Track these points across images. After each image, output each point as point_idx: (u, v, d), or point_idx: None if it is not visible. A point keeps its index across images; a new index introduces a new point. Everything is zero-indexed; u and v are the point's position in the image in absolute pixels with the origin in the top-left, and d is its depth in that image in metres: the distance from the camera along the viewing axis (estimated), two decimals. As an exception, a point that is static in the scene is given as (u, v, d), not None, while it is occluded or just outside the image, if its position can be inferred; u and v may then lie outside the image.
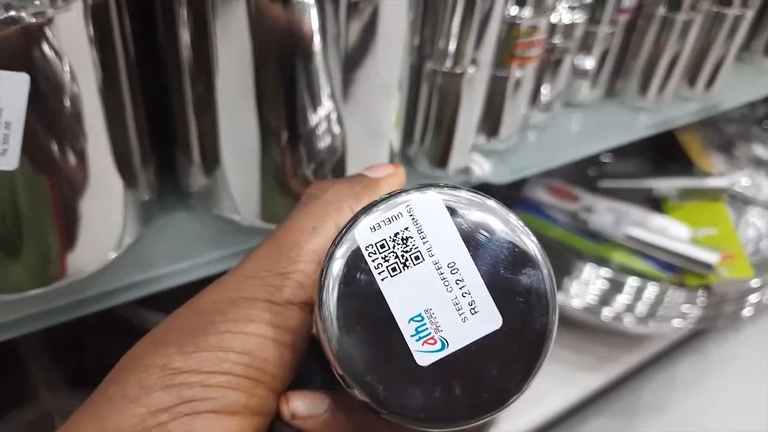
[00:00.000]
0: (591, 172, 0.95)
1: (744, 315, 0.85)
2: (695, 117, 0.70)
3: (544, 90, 0.57)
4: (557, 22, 0.53)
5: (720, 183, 0.93)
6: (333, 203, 0.24)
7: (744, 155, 1.01)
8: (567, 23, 0.54)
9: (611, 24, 0.61)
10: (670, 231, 0.84)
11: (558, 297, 0.81)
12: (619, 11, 0.61)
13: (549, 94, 0.58)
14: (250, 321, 0.21)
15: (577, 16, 0.54)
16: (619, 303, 0.81)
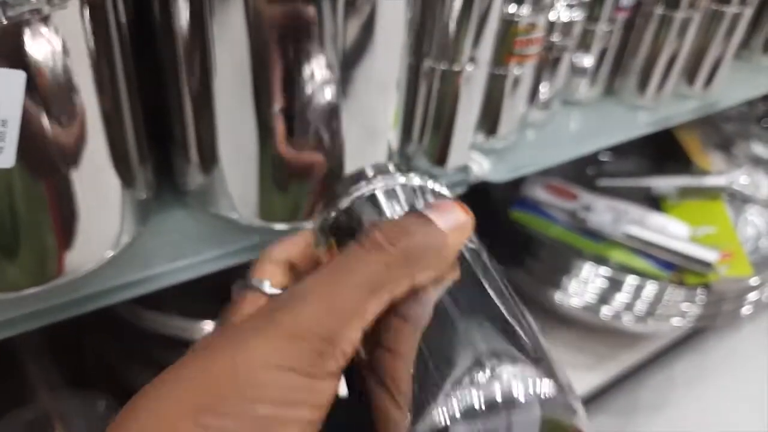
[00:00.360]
0: (590, 170, 0.95)
1: (743, 313, 0.85)
2: (694, 115, 0.70)
3: (542, 88, 0.57)
4: (555, 19, 0.53)
5: (719, 181, 0.93)
6: (396, 267, 0.21)
7: (743, 153, 1.01)
8: (565, 21, 0.54)
9: (610, 22, 0.61)
10: (669, 229, 0.84)
11: (557, 295, 0.80)
12: (618, 9, 0.61)
13: (547, 92, 0.58)
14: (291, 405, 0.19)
15: (576, 14, 0.54)
16: (618, 301, 0.81)
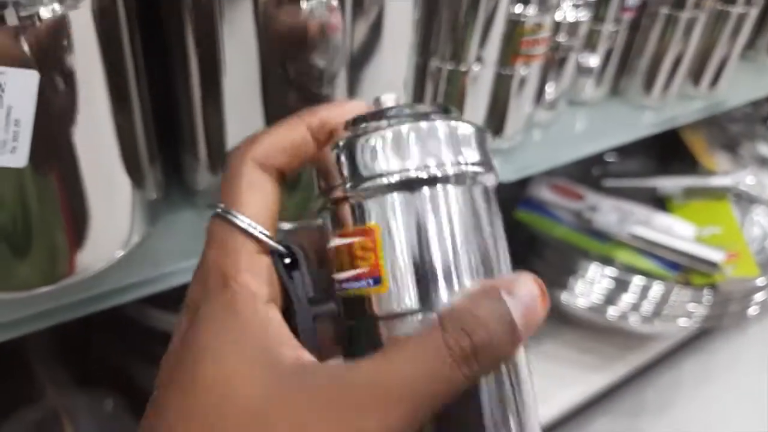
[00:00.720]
0: (595, 171, 0.95)
1: (750, 314, 0.85)
2: (700, 115, 0.70)
3: (548, 88, 0.57)
4: (562, 20, 0.54)
5: (725, 182, 0.92)
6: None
7: (748, 154, 1.01)
8: (571, 21, 0.54)
9: (615, 22, 0.61)
10: (675, 230, 0.84)
11: (563, 296, 0.79)
12: (624, 9, 0.61)
13: (553, 92, 0.58)
14: None
15: (582, 14, 0.55)
16: (625, 302, 0.81)
